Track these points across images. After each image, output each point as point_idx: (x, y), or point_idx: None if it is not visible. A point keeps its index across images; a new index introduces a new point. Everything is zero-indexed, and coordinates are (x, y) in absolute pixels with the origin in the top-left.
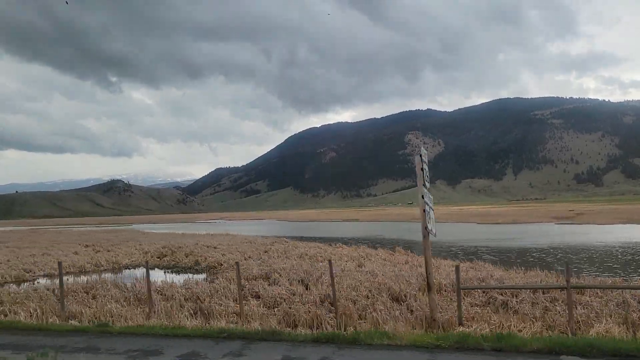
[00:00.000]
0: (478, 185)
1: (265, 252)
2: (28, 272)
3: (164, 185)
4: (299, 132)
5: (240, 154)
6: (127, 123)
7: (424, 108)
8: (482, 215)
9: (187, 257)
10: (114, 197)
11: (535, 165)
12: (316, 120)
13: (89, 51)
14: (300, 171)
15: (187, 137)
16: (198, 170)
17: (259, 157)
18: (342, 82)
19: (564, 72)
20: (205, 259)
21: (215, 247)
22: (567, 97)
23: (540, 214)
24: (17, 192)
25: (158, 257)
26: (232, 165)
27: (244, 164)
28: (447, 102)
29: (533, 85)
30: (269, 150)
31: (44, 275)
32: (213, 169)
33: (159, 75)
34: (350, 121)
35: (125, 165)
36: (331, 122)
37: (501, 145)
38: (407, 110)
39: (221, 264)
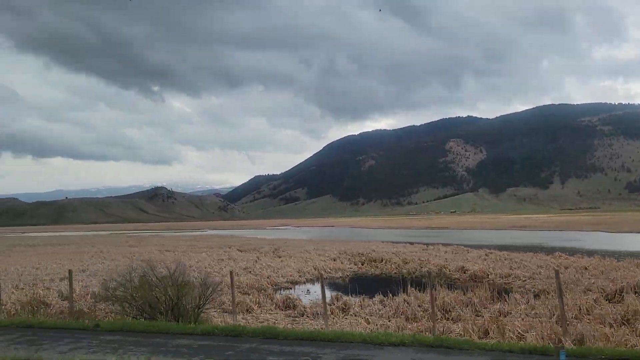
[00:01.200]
0: (523, 194)
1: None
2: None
3: (202, 193)
4: (337, 140)
5: (276, 162)
6: (167, 131)
7: (464, 115)
8: (592, 223)
9: (406, 265)
10: (158, 204)
11: (583, 173)
12: (353, 129)
13: (133, 61)
14: (339, 179)
15: (225, 145)
16: (235, 178)
17: (297, 165)
18: (381, 90)
19: (609, 77)
20: (442, 268)
21: (398, 254)
22: (616, 103)
23: None
24: (66, 198)
25: (362, 265)
26: (268, 173)
27: (281, 172)
28: (488, 109)
29: (577, 92)
30: (306, 158)
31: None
32: (252, 177)
33: (199, 84)
34: (388, 129)
35: (165, 173)
36: (369, 130)
37: (547, 153)
38: (447, 117)
39: (488, 275)
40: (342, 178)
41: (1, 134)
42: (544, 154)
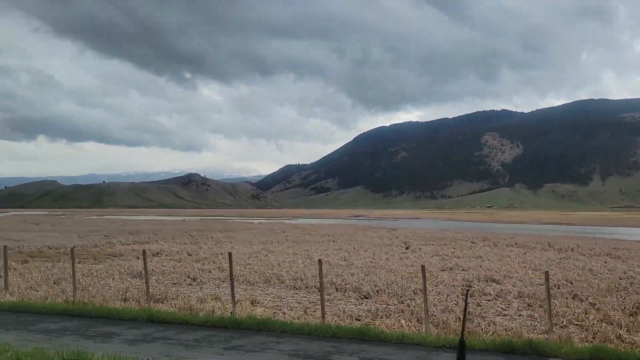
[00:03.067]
0: (562, 191)
1: None
2: None
3: (230, 180)
4: (367, 131)
5: (305, 152)
6: (197, 119)
7: (499, 108)
8: None
9: None
10: (192, 190)
11: (625, 170)
12: (383, 120)
13: (167, 48)
14: (370, 170)
15: (253, 133)
16: (263, 167)
17: (327, 155)
18: (414, 81)
19: None
20: None
21: None
22: None
23: None
24: (104, 182)
25: None
26: (296, 162)
27: (310, 161)
28: (522, 102)
29: (615, 86)
30: (335, 149)
31: None
32: (280, 166)
33: (231, 72)
34: (420, 121)
35: (194, 160)
36: (401, 122)
37: (586, 149)
38: (481, 110)
39: None
40: (374, 169)
41: (37, 118)
42: (583, 150)
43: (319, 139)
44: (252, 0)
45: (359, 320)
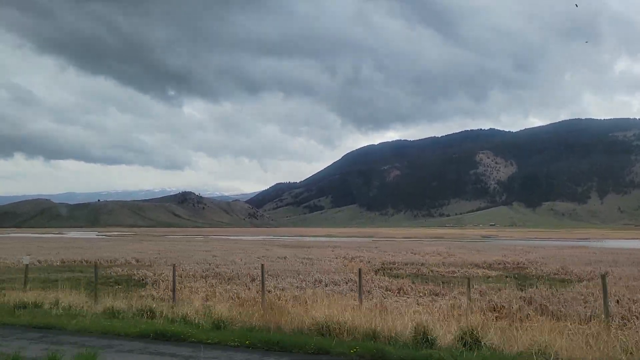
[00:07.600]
0: (561, 209)
1: None
2: None
3: (214, 199)
4: (357, 149)
5: (289, 171)
6: (180, 137)
7: (486, 127)
8: None
9: None
10: (189, 209)
11: (622, 189)
12: (368, 139)
13: (152, 65)
14: (364, 189)
15: (237, 152)
16: (246, 185)
17: (317, 173)
18: (404, 100)
19: (627, 92)
20: None
21: None
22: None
23: None
24: (99, 200)
25: None
26: (281, 181)
27: (296, 180)
28: (509, 121)
29: (594, 106)
30: (324, 167)
31: None
32: (271, 185)
33: (218, 90)
34: (408, 139)
35: (177, 178)
36: (389, 140)
37: (581, 168)
38: (469, 129)
39: None
40: (367, 188)
41: (15, 136)
42: (577, 168)
43: (304, 157)
44: (242, 18)
45: None
